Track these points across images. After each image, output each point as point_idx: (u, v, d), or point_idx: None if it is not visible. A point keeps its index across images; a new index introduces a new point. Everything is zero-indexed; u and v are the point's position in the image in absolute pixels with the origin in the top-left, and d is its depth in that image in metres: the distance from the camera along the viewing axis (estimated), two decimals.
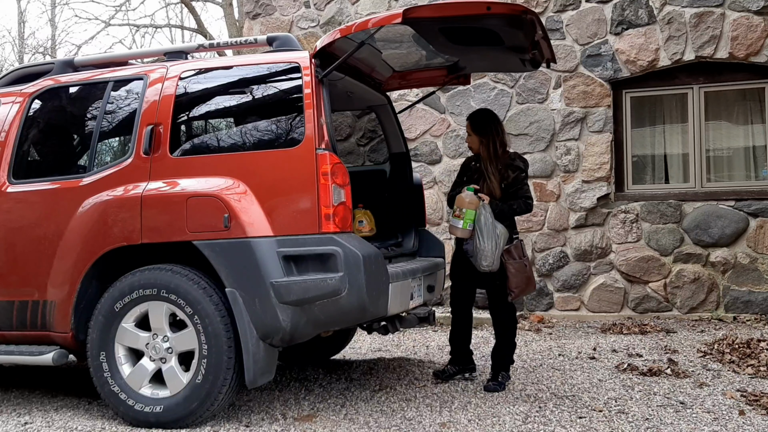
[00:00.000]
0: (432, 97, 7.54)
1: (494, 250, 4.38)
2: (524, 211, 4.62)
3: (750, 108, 7.27)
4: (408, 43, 4.53)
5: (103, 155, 4.43)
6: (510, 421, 3.94)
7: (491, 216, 4.41)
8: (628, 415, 4.01)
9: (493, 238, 4.38)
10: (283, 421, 4.04)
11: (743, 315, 6.89)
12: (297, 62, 4.08)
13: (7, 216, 4.41)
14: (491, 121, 4.68)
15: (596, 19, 7.43)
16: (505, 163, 4.61)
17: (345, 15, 8.36)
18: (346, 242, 3.79)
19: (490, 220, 4.40)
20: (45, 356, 4.16)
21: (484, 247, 4.38)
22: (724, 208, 7.01)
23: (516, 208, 4.57)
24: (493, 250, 4.38)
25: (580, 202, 7.42)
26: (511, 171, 4.59)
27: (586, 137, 7.45)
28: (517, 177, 4.59)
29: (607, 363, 5.34)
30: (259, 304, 3.79)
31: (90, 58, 4.96)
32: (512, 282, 4.46)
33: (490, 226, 4.39)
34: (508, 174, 4.59)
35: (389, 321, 4.68)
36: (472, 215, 4.42)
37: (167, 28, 23.12)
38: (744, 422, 3.84)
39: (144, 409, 3.94)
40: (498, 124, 4.69)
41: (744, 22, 6.95)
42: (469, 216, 4.42)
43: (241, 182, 3.93)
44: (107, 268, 4.18)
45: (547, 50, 4.53)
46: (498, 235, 4.40)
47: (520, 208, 4.58)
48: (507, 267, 4.45)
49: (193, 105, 4.36)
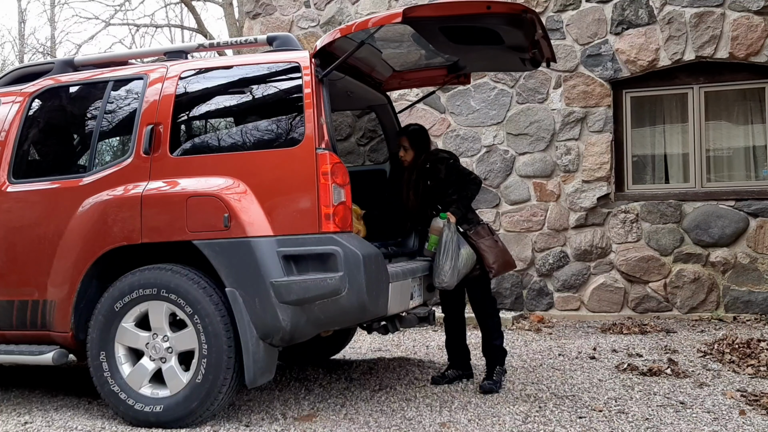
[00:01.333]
0: (432, 97, 7.54)
1: (450, 269, 4.40)
2: (476, 189, 4.65)
3: (750, 108, 7.27)
4: (408, 43, 4.53)
5: (103, 155, 4.43)
6: (510, 420, 3.94)
7: (455, 236, 4.44)
8: (628, 415, 4.01)
9: (452, 258, 4.40)
10: (283, 421, 4.04)
11: (743, 315, 6.89)
12: (297, 62, 4.08)
13: (7, 215, 4.41)
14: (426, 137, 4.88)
15: (596, 19, 7.43)
16: (431, 160, 4.70)
17: (345, 15, 8.36)
18: (346, 242, 3.78)
19: (452, 240, 4.43)
20: (45, 356, 4.16)
21: (440, 265, 4.43)
22: (724, 208, 7.01)
23: (470, 195, 4.62)
24: (450, 269, 4.40)
25: (580, 202, 7.42)
26: (440, 164, 4.68)
27: (586, 137, 7.45)
28: (448, 166, 4.67)
29: (607, 363, 5.34)
30: (259, 304, 3.79)
31: (90, 57, 4.96)
32: (488, 259, 4.50)
33: (451, 245, 4.42)
34: (438, 168, 4.65)
35: (389, 321, 4.68)
36: (435, 240, 4.54)
37: (167, 28, 23.12)
38: (744, 422, 3.84)
39: (144, 408, 3.94)
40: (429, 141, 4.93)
41: (744, 22, 6.95)
42: (433, 241, 4.57)
43: (241, 182, 3.93)
44: (107, 267, 4.18)
45: (547, 49, 4.54)
46: (458, 256, 4.41)
47: (472, 190, 4.63)
48: (479, 247, 4.50)
49: (193, 105, 4.36)
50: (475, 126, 7.85)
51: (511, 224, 7.68)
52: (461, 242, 4.46)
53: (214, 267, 3.88)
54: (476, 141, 7.84)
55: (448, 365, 4.92)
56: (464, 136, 7.89)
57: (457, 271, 4.42)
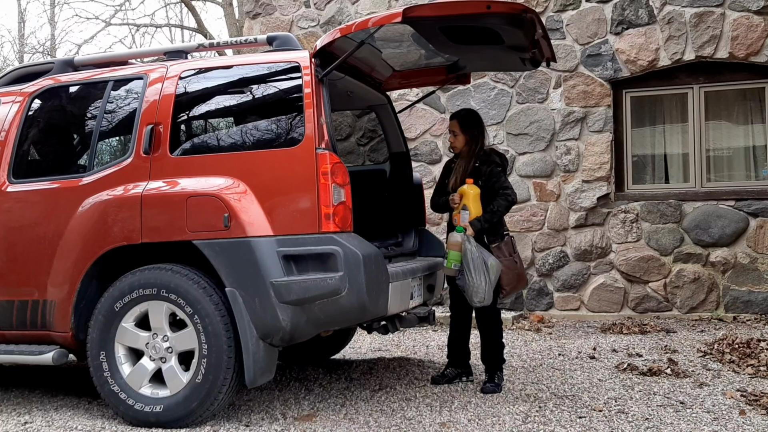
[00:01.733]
0: (432, 97, 7.54)
1: (486, 286, 4.32)
2: (506, 206, 4.52)
3: (750, 108, 7.27)
4: (408, 43, 4.53)
5: (103, 155, 4.43)
6: (510, 420, 3.94)
7: (477, 250, 4.36)
8: (627, 414, 4.01)
9: (482, 272, 4.32)
10: (283, 421, 4.04)
11: (743, 315, 6.89)
12: (297, 62, 4.08)
13: (7, 215, 4.41)
14: (479, 121, 4.73)
15: (596, 19, 7.43)
16: (481, 159, 4.62)
17: (345, 14, 8.36)
18: (346, 242, 3.78)
19: (477, 255, 4.34)
20: (45, 356, 4.16)
21: (475, 284, 4.32)
22: (724, 208, 7.01)
23: (497, 210, 4.49)
24: (486, 286, 4.32)
25: (580, 202, 7.42)
26: (486, 166, 4.60)
27: (586, 137, 7.45)
28: (491, 171, 4.57)
29: (607, 363, 5.33)
30: (259, 304, 3.79)
31: (90, 57, 4.96)
32: (503, 279, 4.45)
33: (478, 261, 4.33)
34: (483, 170, 4.58)
35: (389, 320, 4.68)
36: (455, 256, 4.41)
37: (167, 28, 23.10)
38: (744, 422, 3.84)
39: (144, 408, 3.94)
40: (483, 126, 4.75)
41: (744, 22, 6.95)
42: (453, 257, 4.42)
43: (241, 182, 3.93)
44: (107, 267, 4.17)
45: (547, 49, 4.53)
46: (488, 268, 4.33)
47: (501, 206, 4.50)
48: None
49: (193, 104, 4.36)
50: None
51: (511, 224, 7.66)
52: (485, 254, 4.37)
53: (214, 267, 3.88)
54: None
55: (448, 363, 4.90)
56: None
57: (492, 285, 4.35)
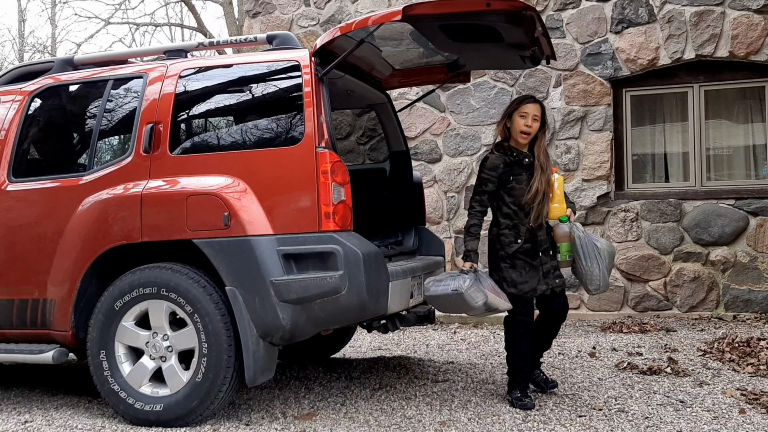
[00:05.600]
0: (432, 96, 7.54)
1: (600, 271, 4.08)
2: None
3: (750, 107, 7.27)
4: (408, 41, 4.53)
5: (103, 153, 4.42)
6: (510, 419, 3.94)
7: (585, 236, 4.12)
8: (627, 413, 4.01)
9: (596, 258, 4.08)
10: (283, 420, 4.04)
11: (743, 314, 6.89)
12: (297, 61, 4.07)
13: (7, 214, 4.41)
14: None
15: (596, 18, 7.43)
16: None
17: (345, 13, 8.35)
18: (346, 240, 3.78)
19: (587, 241, 4.11)
20: (45, 354, 4.16)
21: (589, 271, 4.11)
22: (724, 207, 7.01)
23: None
24: (600, 271, 4.08)
25: (580, 201, 7.42)
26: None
27: (586, 136, 7.45)
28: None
29: (607, 362, 5.33)
30: (259, 303, 3.79)
31: (90, 56, 4.96)
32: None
33: (589, 247, 4.10)
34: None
35: (389, 319, 4.68)
36: (567, 247, 4.20)
37: (167, 27, 23.11)
38: (744, 421, 3.84)
39: (144, 407, 3.94)
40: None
41: (744, 21, 6.95)
42: (565, 249, 4.21)
43: (241, 180, 3.93)
44: (107, 266, 4.18)
45: (547, 47, 4.52)
46: (599, 253, 4.09)
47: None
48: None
49: (193, 103, 4.35)
50: (475, 125, 7.85)
51: None
52: (594, 238, 4.14)
53: (214, 266, 3.88)
54: (476, 140, 7.83)
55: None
56: (464, 134, 7.88)
57: (606, 269, 4.12)
